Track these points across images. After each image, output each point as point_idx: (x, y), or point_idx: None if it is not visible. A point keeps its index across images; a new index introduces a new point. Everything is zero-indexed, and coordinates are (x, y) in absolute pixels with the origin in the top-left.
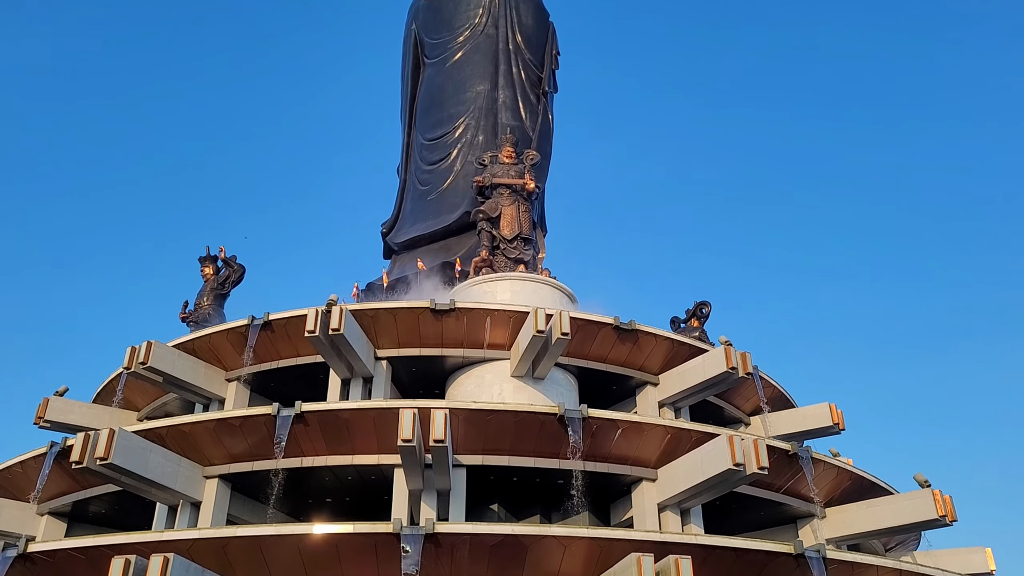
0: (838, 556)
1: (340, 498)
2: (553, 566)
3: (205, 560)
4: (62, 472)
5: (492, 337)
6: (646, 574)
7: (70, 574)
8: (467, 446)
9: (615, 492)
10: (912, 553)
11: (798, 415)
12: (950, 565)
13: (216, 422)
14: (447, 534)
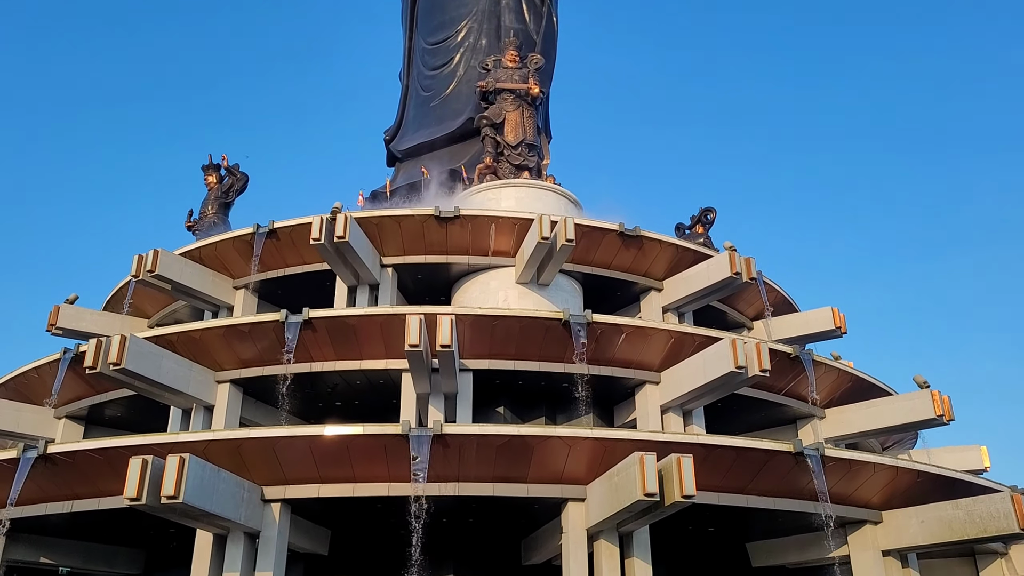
0: (836, 454)
1: (350, 402)
2: (558, 465)
3: (220, 460)
4: (77, 377)
5: (497, 244)
6: (648, 472)
7: (89, 474)
8: (473, 351)
9: (619, 395)
10: (908, 451)
11: (800, 319)
12: (946, 463)
13: (225, 328)
14: (454, 435)
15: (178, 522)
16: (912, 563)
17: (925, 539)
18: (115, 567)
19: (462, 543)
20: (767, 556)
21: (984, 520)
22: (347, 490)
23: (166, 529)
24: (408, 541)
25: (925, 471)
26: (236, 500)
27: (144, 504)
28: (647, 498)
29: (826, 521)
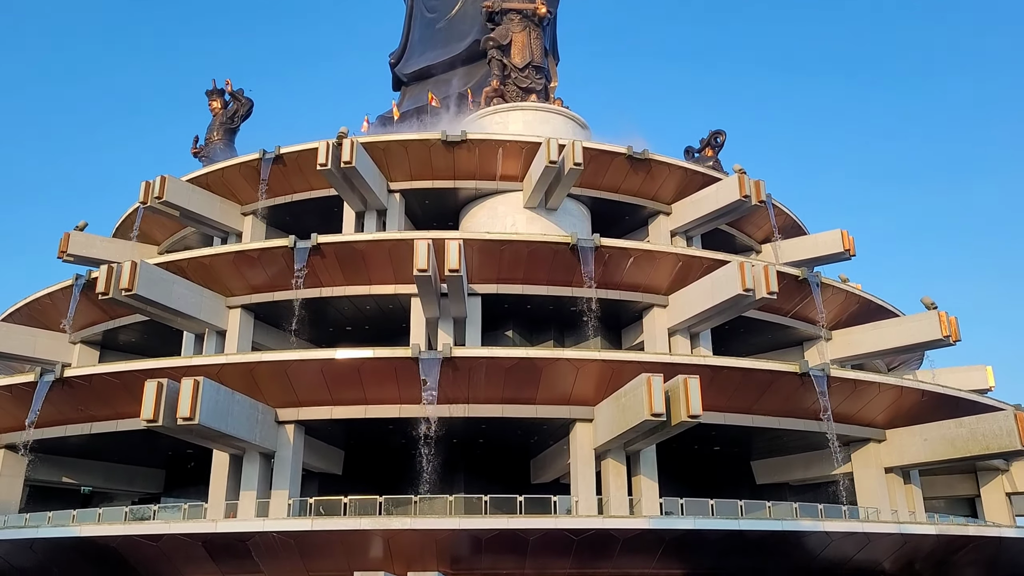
0: (841, 374)
1: (360, 327)
2: (566, 387)
3: (233, 383)
4: (90, 303)
5: (504, 168)
6: (655, 393)
7: (106, 397)
8: (481, 275)
9: (627, 318)
10: (914, 372)
11: (809, 242)
12: (950, 382)
13: (235, 254)
14: (464, 358)
15: (195, 443)
16: (914, 479)
17: (928, 456)
18: (135, 486)
19: (472, 463)
20: (771, 474)
21: (987, 438)
22: (359, 412)
23: (184, 450)
24: (419, 461)
25: (930, 390)
26: (251, 422)
27: (161, 425)
28: (654, 418)
29: (831, 440)
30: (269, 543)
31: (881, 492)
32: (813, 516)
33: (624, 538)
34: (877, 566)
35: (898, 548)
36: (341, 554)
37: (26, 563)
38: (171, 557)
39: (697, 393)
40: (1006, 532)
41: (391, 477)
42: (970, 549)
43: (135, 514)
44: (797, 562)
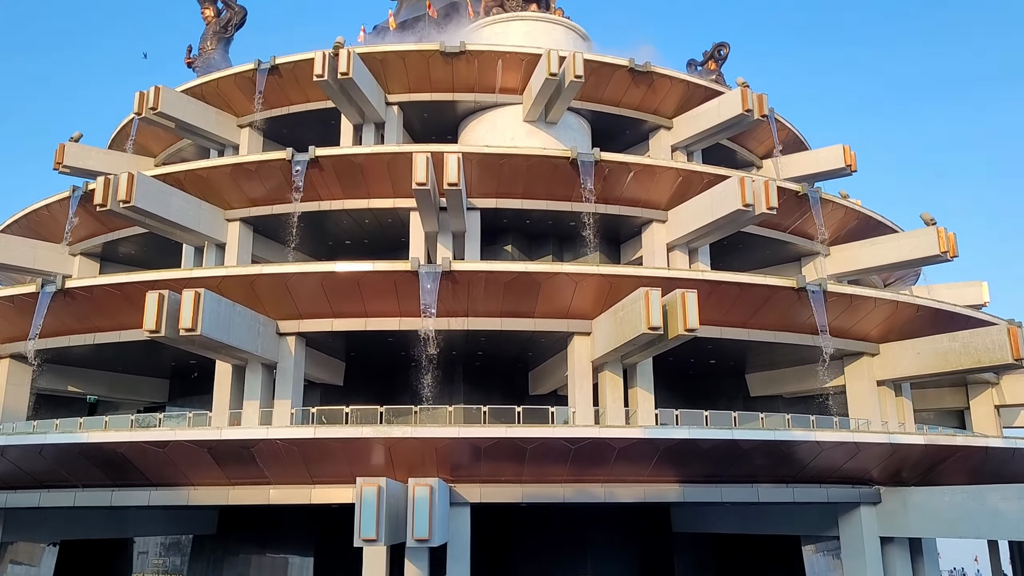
0: (838, 290)
1: (359, 240)
2: (564, 301)
3: (234, 295)
4: (88, 215)
5: (504, 81)
6: (653, 307)
7: (108, 308)
8: (481, 190)
9: (626, 233)
10: (910, 288)
11: (811, 157)
12: (946, 298)
13: (232, 167)
14: (463, 272)
15: (198, 354)
16: (905, 392)
17: (920, 370)
18: (140, 395)
19: (471, 375)
20: (765, 386)
21: (979, 351)
22: (359, 324)
23: (187, 361)
24: (419, 373)
25: (925, 305)
26: (252, 333)
27: (164, 336)
28: (651, 331)
29: (825, 354)
30: (273, 450)
31: (872, 404)
32: (805, 427)
33: (620, 447)
34: (866, 474)
35: (887, 457)
36: (344, 461)
37: (36, 468)
38: (177, 463)
39: (694, 307)
40: (992, 442)
41: (391, 388)
42: (957, 458)
43: (141, 422)
44: (788, 470)
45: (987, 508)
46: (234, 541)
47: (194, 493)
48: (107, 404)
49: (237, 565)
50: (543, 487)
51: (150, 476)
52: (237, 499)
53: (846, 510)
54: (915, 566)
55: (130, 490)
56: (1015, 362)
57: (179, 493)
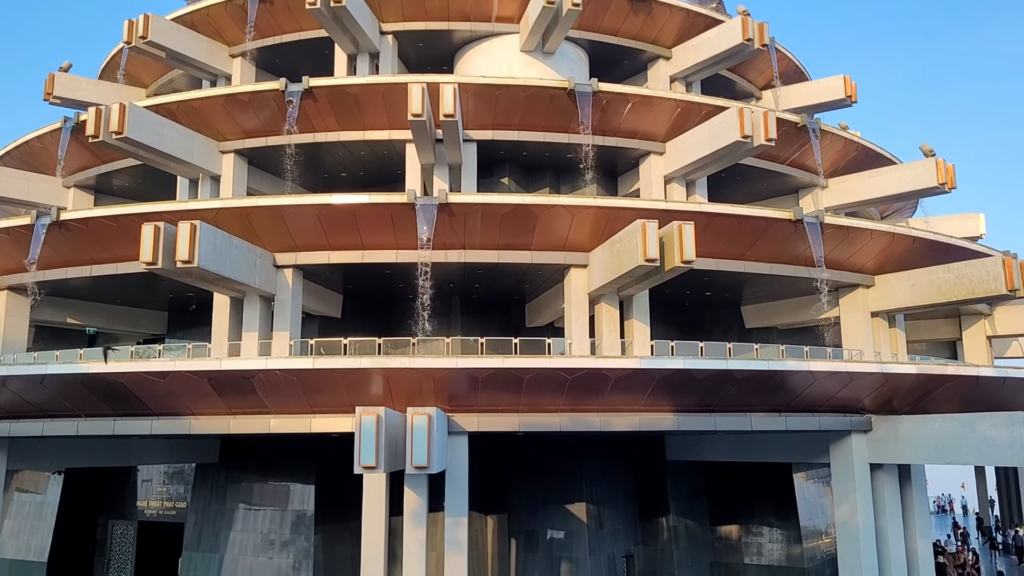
0: (835, 221)
1: (355, 173)
2: (561, 234)
3: (230, 228)
4: (80, 147)
5: (500, 9)
6: (650, 239)
7: (104, 241)
8: (477, 121)
9: (623, 166)
10: (907, 220)
11: (811, 88)
12: (943, 230)
13: (225, 97)
14: (460, 204)
15: (195, 286)
16: (899, 323)
17: (914, 301)
18: (138, 327)
19: (468, 308)
20: (760, 318)
21: (973, 282)
22: (356, 257)
23: (185, 293)
24: (416, 305)
25: (921, 237)
26: (249, 265)
27: (160, 268)
28: (648, 263)
29: (820, 285)
30: (273, 380)
31: (866, 335)
32: (799, 357)
33: (615, 377)
34: (858, 403)
35: (879, 386)
36: (343, 391)
37: (39, 397)
38: (178, 393)
39: (691, 239)
40: (983, 372)
41: (389, 321)
42: (948, 387)
43: (140, 353)
44: (781, 399)
45: (976, 435)
46: (236, 469)
47: (195, 422)
48: (106, 336)
49: (240, 493)
50: (540, 416)
51: (151, 406)
52: (238, 428)
53: (837, 438)
54: (903, 492)
55: (132, 419)
56: (1009, 293)
57: (180, 422)
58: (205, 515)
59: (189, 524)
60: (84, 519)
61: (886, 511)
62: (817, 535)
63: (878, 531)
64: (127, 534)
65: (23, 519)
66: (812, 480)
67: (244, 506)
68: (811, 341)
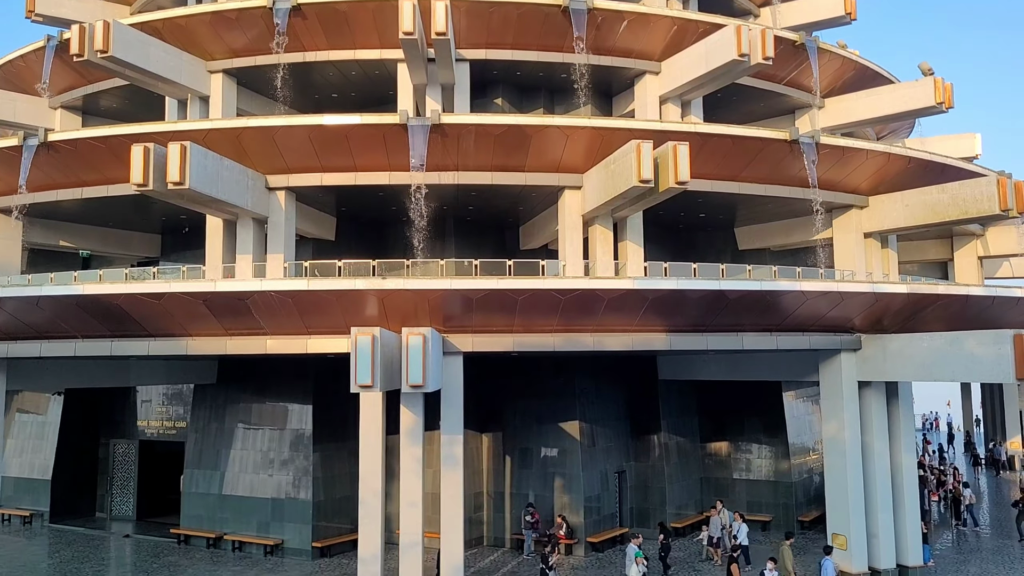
0: (830, 142)
1: (346, 94)
2: (555, 155)
3: (220, 149)
4: (66, 66)
5: None
6: (644, 160)
7: (94, 162)
8: (469, 40)
9: (618, 86)
10: (903, 140)
11: (809, 5)
12: (938, 150)
13: (212, 15)
14: (453, 125)
15: (188, 208)
16: (891, 244)
17: (907, 221)
18: (132, 250)
19: (462, 230)
20: (753, 240)
21: (967, 203)
22: (348, 179)
23: (177, 215)
24: (410, 228)
25: (916, 157)
26: (241, 187)
27: (152, 190)
28: (642, 185)
29: (815, 207)
30: (268, 302)
31: (859, 256)
32: (791, 278)
33: (609, 298)
34: (848, 322)
35: (869, 306)
36: (338, 313)
37: (34, 319)
38: (174, 314)
39: (686, 160)
40: (973, 291)
41: (383, 244)
42: (937, 306)
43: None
44: (773, 319)
45: (963, 352)
46: (235, 390)
47: (192, 343)
48: (101, 259)
49: (238, 413)
50: (534, 337)
51: (148, 327)
52: (235, 349)
53: (827, 356)
54: (890, 409)
55: (129, 341)
56: (1002, 213)
57: (177, 343)
58: (205, 434)
59: (190, 443)
60: (86, 438)
61: (872, 427)
62: (805, 452)
63: (864, 446)
64: (129, 453)
65: (25, 439)
66: (801, 399)
67: (243, 426)
68: (804, 263)
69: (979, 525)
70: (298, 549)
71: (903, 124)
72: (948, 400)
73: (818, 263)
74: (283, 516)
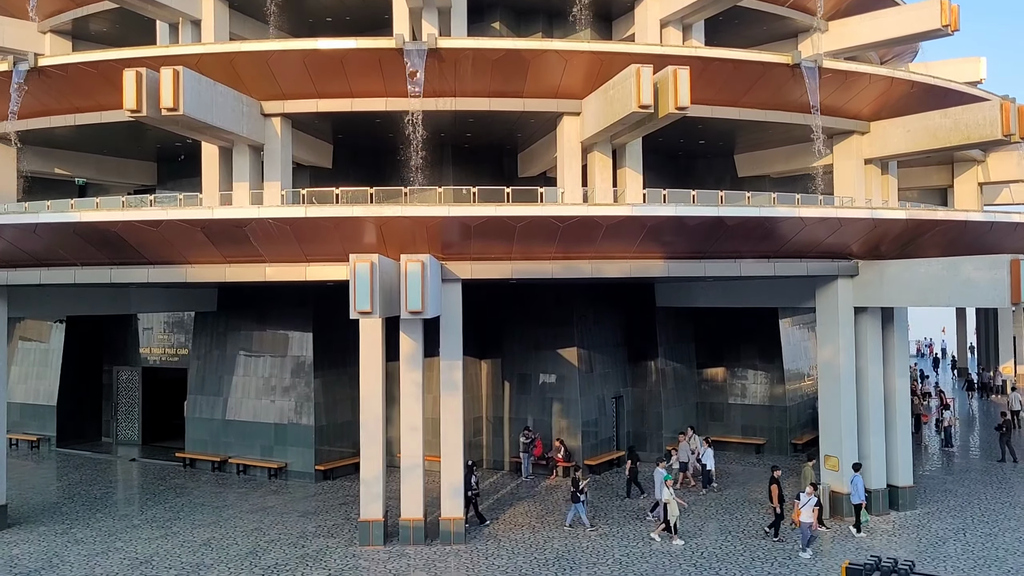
0: (833, 66)
1: (340, 18)
2: (553, 80)
3: (214, 74)
4: None
5: None
6: (644, 85)
7: (86, 88)
8: None
9: (618, 9)
10: (907, 65)
11: None
12: (942, 74)
13: None
14: (450, 49)
15: (182, 135)
16: (892, 170)
17: (909, 147)
18: (128, 178)
19: (460, 158)
20: (753, 167)
21: (969, 127)
22: (345, 105)
23: (172, 143)
24: (407, 154)
25: (919, 81)
26: (236, 114)
27: (145, 116)
28: (641, 110)
29: (815, 133)
30: (266, 229)
31: (858, 182)
32: (790, 204)
33: (607, 224)
34: (846, 249)
35: (868, 232)
36: (336, 240)
37: (33, 246)
38: (172, 242)
39: (686, 85)
40: (972, 216)
41: (380, 171)
42: (936, 232)
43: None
44: (771, 246)
45: (960, 278)
46: (235, 318)
47: (191, 271)
48: (97, 187)
49: (239, 340)
50: (532, 264)
51: (146, 254)
52: (234, 276)
53: (824, 283)
54: (885, 335)
55: (128, 268)
56: (1004, 138)
57: (177, 271)
58: (207, 361)
59: (192, 370)
60: (89, 366)
61: (867, 352)
62: (799, 377)
63: (858, 371)
64: (132, 379)
65: (30, 365)
66: (797, 326)
67: (244, 353)
68: (803, 190)
69: (952, 446)
70: (301, 472)
71: (907, 48)
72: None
73: (818, 190)
74: (286, 440)
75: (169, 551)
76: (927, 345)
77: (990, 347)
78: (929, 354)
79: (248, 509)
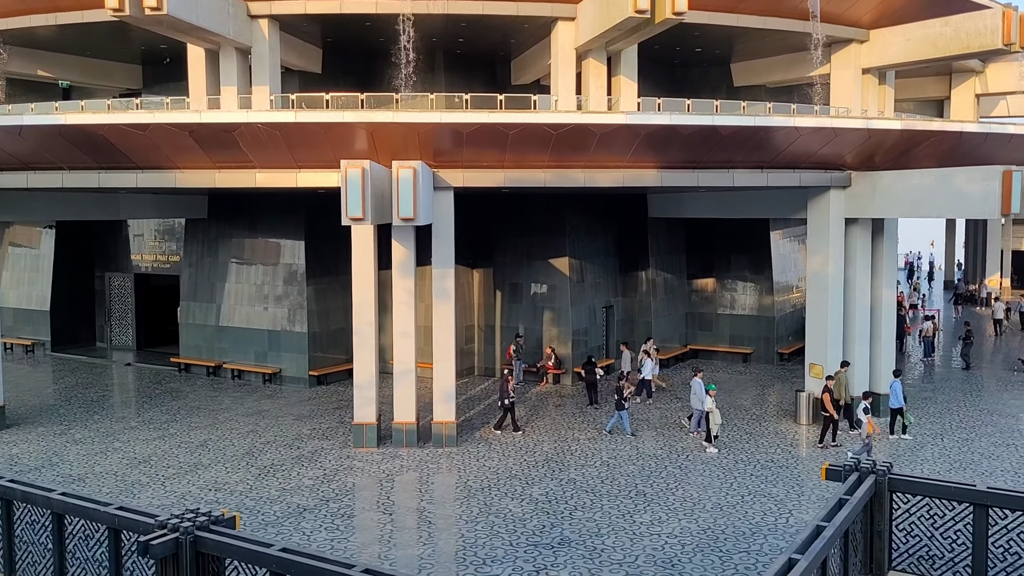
0: None
1: None
2: None
3: None
4: None
5: None
6: None
7: None
8: None
9: None
10: None
11: None
12: None
13: None
14: None
15: (167, 36)
16: (889, 81)
17: (908, 56)
18: (113, 81)
19: (453, 64)
20: (750, 76)
21: (970, 36)
22: (334, 7)
23: (158, 45)
24: (399, 59)
25: None
26: (222, 15)
27: (129, 16)
28: (638, 15)
29: (814, 39)
30: (255, 134)
31: (855, 92)
32: (785, 113)
33: (601, 133)
34: (839, 159)
35: (862, 142)
36: (327, 146)
37: (18, 149)
38: (160, 146)
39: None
40: (967, 127)
41: (371, 77)
42: (931, 143)
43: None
44: (764, 156)
45: (952, 189)
46: (226, 225)
47: (180, 176)
48: (81, 91)
49: (231, 248)
50: (525, 172)
51: (134, 159)
52: (224, 182)
53: (816, 193)
54: (874, 246)
55: (116, 172)
56: (1004, 47)
57: (166, 176)
58: (199, 268)
59: (184, 277)
60: (81, 271)
61: (856, 263)
62: (788, 289)
63: (847, 281)
64: (125, 285)
65: (21, 271)
66: (787, 238)
67: (236, 261)
68: (800, 100)
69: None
70: (295, 377)
71: None
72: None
73: (814, 100)
74: (280, 347)
75: (167, 451)
76: (916, 259)
77: (978, 260)
78: (917, 268)
79: (244, 412)
